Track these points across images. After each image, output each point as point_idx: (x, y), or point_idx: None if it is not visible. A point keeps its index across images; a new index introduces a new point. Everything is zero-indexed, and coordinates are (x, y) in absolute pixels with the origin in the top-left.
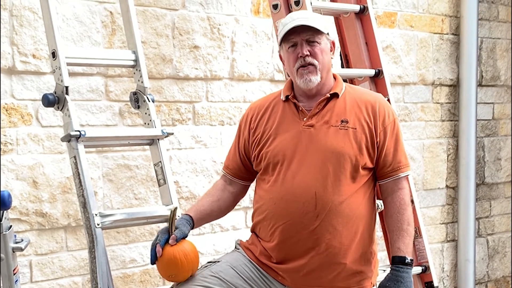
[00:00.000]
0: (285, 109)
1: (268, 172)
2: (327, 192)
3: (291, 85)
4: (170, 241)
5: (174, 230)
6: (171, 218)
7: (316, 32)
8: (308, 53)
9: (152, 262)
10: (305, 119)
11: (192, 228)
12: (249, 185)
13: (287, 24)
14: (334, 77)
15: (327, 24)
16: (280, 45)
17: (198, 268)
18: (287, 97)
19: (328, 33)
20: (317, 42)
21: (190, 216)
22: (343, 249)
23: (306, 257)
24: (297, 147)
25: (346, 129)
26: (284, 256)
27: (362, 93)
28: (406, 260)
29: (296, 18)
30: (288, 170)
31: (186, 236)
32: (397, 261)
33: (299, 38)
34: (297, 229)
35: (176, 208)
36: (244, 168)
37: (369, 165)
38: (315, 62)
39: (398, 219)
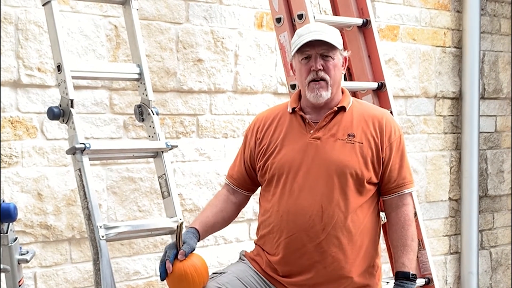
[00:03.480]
0: (292, 121)
1: (272, 184)
2: (333, 205)
3: (298, 97)
4: (179, 257)
5: (182, 245)
6: (178, 233)
7: (331, 47)
8: (322, 67)
9: (162, 279)
10: (311, 131)
11: (198, 240)
12: (251, 196)
13: (303, 36)
14: (342, 91)
15: (341, 39)
16: (293, 54)
17: None
18: (293, 109)
19: (342, 49)
20: (331, 57)
21: (196, 229)
22: (349, 262)
23: (312, 271)
24: (303, 159)
25: (353, 143)
26: (289, 269)
27: (369, 108)
28: (410, 276)
29: (313, 30)
30: (294, 183)
31: (194, 250)
32: (401, 277)
33: (314, 51)
34: (303, 242)
35: (182, 223)
36: (248, 178)
37: (374, 180)
38: (327, 77)
39: (403, 234)
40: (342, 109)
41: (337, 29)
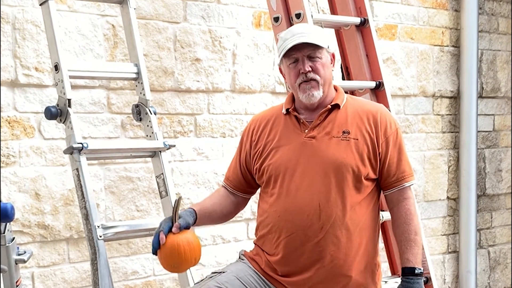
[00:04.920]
0: (287, 122)
1: (270, 185)
2: (331, 203)
3: (292, 98)
4: (173, 229)
5: (178, 219)
6: (175, 207)
7: (317, 47)
8: (310, 69)
9: (154, 251)
10: (306, 131)
11: (195, 222)
12: (249, 198)
13: (287, 40)
14: (335, 88)
15: (326, 37)
16: (280, 59)
17: (203, 279)
18: (287, 110)
19: (328, 46)
20: (318, 57)
21: (194, 211)
22: (348, 261)
23: (311, 270)
24: (299, 159)
25: (348, 140)
26: (289, 269)
27: (363, 104)
28: (416, 271)
29: (297, 33)
30: (291, 183)
31: (189, 227)
32: (407, 272)
33: (300, 54)
34: (301, 241)
35: (180, 198)
36: (244, 181)
37: (372, 175)
38: (317, 77)
39: (406, 229)
40: (336, 106)
41: (320, 27)
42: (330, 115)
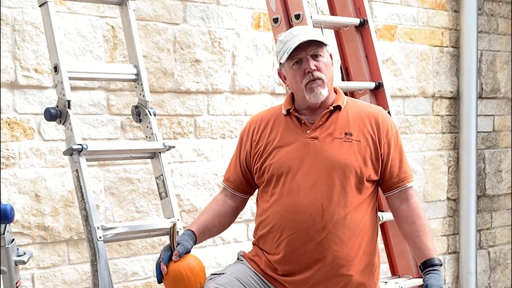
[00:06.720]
0: (287, 122)
1: (271, 185)
2: (334, 203)
3: (292, 99)
4: (173, 258)
5: (176, 246)
6: (171, 234)
7: (319, 45)
8: (315, 67)
9: (159, 281)
10: (308, 131)
11: (195, 243)
12: (248, 199)
13: (289, 42)
14: (335, 91)
15: (325, 37)
16: (280, 63)
17: None
18: (288, 110)
19: (327, 45)
20: (321, 55)
21: (192, 231)
22: (348, 260)
23: (312, 269)
24: (302, 159)
25: (351, 142)
26: (290, 268)
27: (364, 106)
28: (437, 261)
29: (298, 34)
30: (293, 182)
31: (189, 251)
32: (436, 263)
33: (304, 53)
34: (303, 240)
35: (175, 224)
36: (245, 181)
37: (374, 177)
38: (323, 76)
39: (421, 223)
40: (338, 108)
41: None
42: (331, 117)
